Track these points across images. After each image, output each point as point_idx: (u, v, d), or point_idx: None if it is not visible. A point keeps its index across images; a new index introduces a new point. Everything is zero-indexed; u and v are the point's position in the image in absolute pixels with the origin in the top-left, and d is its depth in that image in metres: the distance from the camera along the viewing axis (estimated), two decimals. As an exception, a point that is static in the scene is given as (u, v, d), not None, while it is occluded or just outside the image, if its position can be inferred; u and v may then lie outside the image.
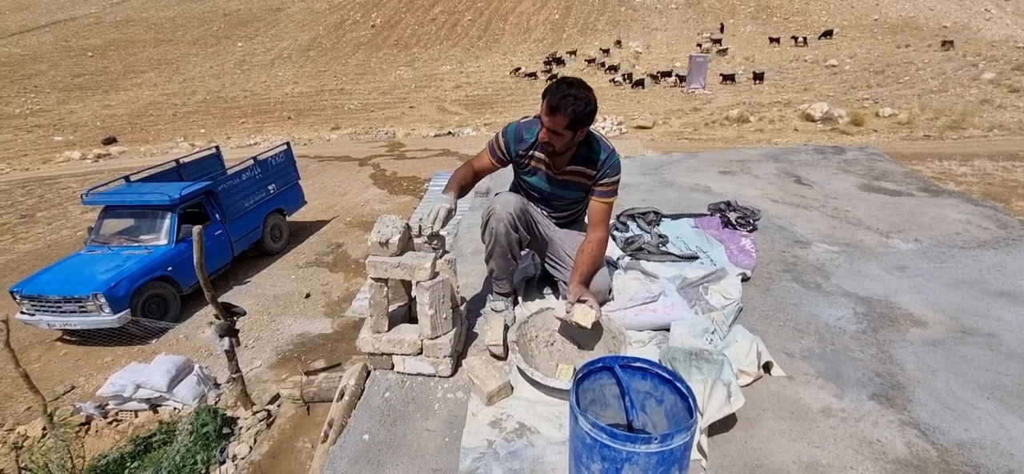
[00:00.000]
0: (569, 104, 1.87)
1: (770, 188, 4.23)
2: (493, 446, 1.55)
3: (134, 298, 6.24)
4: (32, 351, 6.33)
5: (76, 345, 6.47)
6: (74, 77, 36.21)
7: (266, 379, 5.64)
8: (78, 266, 6.52)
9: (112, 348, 6.31)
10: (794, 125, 16.44)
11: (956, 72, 22.38)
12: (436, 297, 1.74)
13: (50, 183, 15.48)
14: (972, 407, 1.74)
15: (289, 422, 4.79)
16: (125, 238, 6.99)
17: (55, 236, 10.61)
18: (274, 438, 4.60)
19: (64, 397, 5.49)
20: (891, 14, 35.70)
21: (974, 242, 3.08)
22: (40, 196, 13.95)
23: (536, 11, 44.89)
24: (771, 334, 2.18)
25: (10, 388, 5.68)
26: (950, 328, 2.22)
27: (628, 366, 1.33)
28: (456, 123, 22.61)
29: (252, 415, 4.71)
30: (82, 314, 6.04)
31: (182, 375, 5.19)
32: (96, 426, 5.10)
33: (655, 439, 1.09)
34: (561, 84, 1.91)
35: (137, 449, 4.38)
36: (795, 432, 1.65)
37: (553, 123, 1.91)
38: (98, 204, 7.20)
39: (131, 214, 7.13)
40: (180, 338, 6.58)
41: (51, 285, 6.11)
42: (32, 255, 9.42)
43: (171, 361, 5.23)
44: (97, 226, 7.16)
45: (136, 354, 6.14)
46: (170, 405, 5.11)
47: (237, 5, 52.46)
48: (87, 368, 6.06)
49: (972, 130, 14.14)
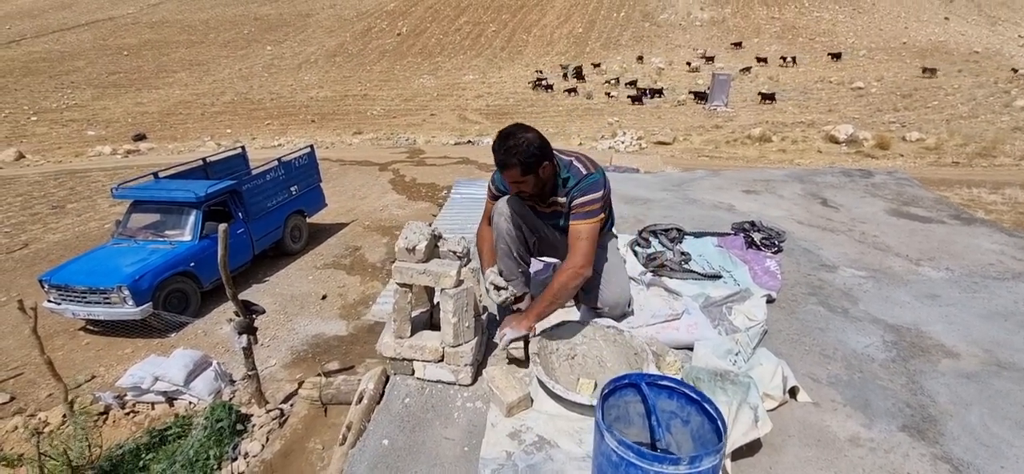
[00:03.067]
0: (512, 156, 1.91)
1: (795, 209, 4.16)
2: (512, 458, 1.54)
3: (156, 292, 6.36)
4: (56, 339, 6.48)
5: (98, 335, 6.61)
6: (109, 74, 37.40)
7: (281, 378, 5.68)
8: (104, 258, 6.67)
9: (133, 340, 6.43)
10: (818, 146, 16.21)
11: (987, 98, 21.88)
12: (460, 305, 1.74)
13: (81, 176, 15.95)
14: (1008, 445, 1.67)
15: (302, 422, 4.81)
16: (151, 232, 7.15)
17: (83, 227, 10.91)
18: (286, 437, 4.62)
19: (84, 386, 5.61)
20: (920, 38, 35.13)
21: (1008, 273, 2.99)
22: (71, 188, 14.37)
23: (560, 24, 45.18)
24: (796, 358, 2.13)
25: (34, 374, 5.82)
26: (984, 361, 2.14)
27: (655, 384, 1.31)
28: (476, 132, 22.75)
29: (266, 413, 4.75)
30: (106, 305, 6.18)
31: (199, 370, 5.25)
32: (114, 416, 5.18)
33: (683, 460, 1.07)
34: (499, 139, 1.96)
35: (153, 441, 4.44)
36: (822, 461, 1.61)
37: (510, 178, 1.98)
38: (128, 198, 7.38)
39: (158, 209, 7.30)
40: (198, 333, 6.68)
41: (78, 275, 6.26)
42: (61, 245, 9.69)
43: (189, 356, 5.31)
44: (125, 219, 7.34)
45: (155, 347, 6.25)
46: (186, 399, 5.17)
47: (268, 10, 53.81)
48: (108, 358, 6.18)
49: (1003, 158, 13.79)
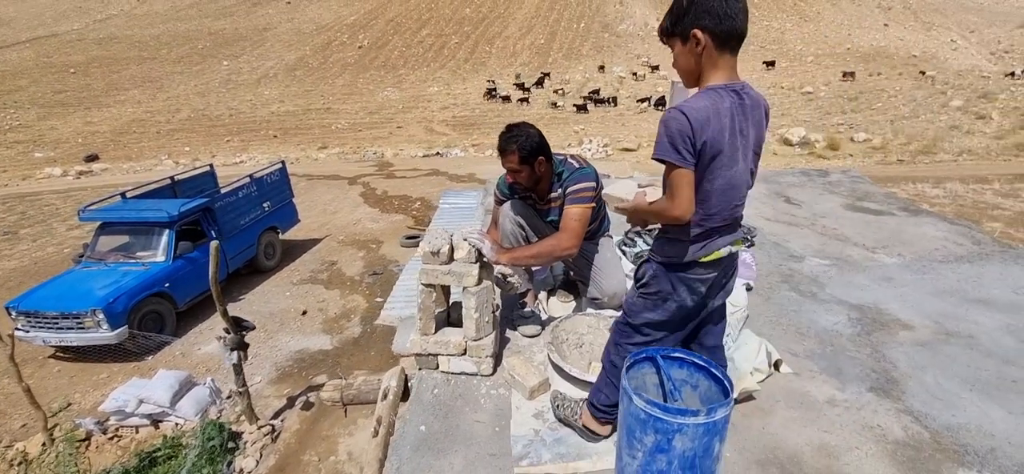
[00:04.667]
0: (512, 142, 2.17)
1: (763, 207, 4.50)
2: (539, 434, 1.71)
3: (132, 314, 6.22)
4: (26, 368, 6.21)
5: (70, 361, 6.39)
6: (55, 93, 35.67)
7: (268, 395, 5.65)
8: (75, 282, 6.48)
9: (107, 364, 6.26)
10: (773, 149, 17.04)
11: (926, 99, 23.49)
12: (481, 302, 1.91)
13: (32, 199, 15.22)
14: (957, 397, 1.96)
15: (295, 437, 4.83)
16: (122, 254, 6.97)
17: (41, 253, 10.44)
18: (280, 452, 4.64)
19: (61, 414, 5.44)
20: (863, 44, 37.35)
21: (952, 257, 3.36)
22: (22, 213, 13.70)
23: (522, 36, 45.82)
24: (776, 337, 2.39)
25: (4, 405, 5.60)
26: (935, 331, 2.45)
27: (668, 357, 1.52)
28: (444, 144, 22.87)
29: (257, 429, 4.74)
30: (79, 330, 6.00)
31: (184, 390, 5.19)
32: (96, 442, 5.05)
33: (702, 411, 1.27)
34: (505, 130, 2.24)
35: (142, 464, 4.38)
36: (805, 420, 1.85)
37: (508, 163, 2.22)
38: (96, 220, 7.18)
39: (129, 230, 7.12)
40: (176, 354, 6.55)
41: (48, 301, 6.06)
42: (19, 272, 9.27)
43: (173, 376, 5.23)
44: (93, 242, 7.13)
45: (132, 370, 6.10)
46: (172, 420, 5.10)
47: (223, 24, 52.47)
48: (83, 384, 6.00)
49: (942, 154, 14.86)
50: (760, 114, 1.47)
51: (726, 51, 1.40)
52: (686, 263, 1.49)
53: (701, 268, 1.50)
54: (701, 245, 1.47)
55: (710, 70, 1.41)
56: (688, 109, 1.35)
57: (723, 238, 1.49)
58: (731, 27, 1.36)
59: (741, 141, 1.42)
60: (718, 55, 1.39)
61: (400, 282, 3.49)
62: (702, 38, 1.37)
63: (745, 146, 1.44)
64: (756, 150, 1.49)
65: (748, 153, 1.46)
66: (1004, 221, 8.55)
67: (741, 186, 1.46)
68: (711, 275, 1.51)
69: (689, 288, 1.51)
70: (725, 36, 1.37)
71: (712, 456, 1.33)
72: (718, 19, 1.35)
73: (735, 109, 1.39)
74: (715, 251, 1.47)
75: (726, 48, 1.39)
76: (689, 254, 1.47)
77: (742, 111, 1.41)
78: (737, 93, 1.41)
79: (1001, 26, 38.23)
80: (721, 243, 1.48)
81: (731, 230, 1.51)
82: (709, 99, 1.37)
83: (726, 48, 1.39)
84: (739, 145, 1.42)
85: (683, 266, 1.50)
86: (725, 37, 1.37)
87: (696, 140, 1.34)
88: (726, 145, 1.37)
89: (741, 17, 1.36)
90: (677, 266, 1.51)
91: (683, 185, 1.37)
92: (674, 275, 1.52)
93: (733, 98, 1.39)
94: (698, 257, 1.47)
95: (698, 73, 1.43)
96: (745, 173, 1.46)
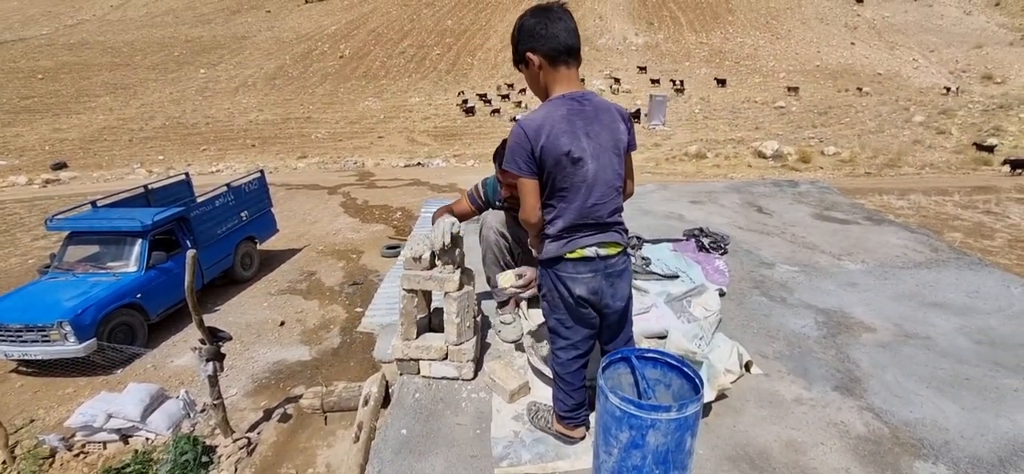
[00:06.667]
0: None
1: (736, 217, 4.64)
2: (519, 435, 1.75)
3: (101, 326, 6.05)
4: (-14, 382, 6.01)
5: (33, 376, 6.18)
6: (21, 99, 34.55)
7: (243, 407, 5.55)
8: (40, 293, 6.28)
9: (73, 378, 6.06)
10: (748, 161, 17.50)
11: (891, 114, 24.43)
12: (462, 306, 1.94)
13: (-6, 209, 14.69)
14: (915, 394, 2.07)
15: (271, 449, 4.76)
16: (91, 265, 6.78)
17: (3, 264, 10.08)
18: (256, 465, 4.56)
19: (23, 430, 5.25)
20: (831, 61, 38.68)
21: (912, 263, 3.52)
22: (-16, 222, 13.20)
23: (503, 48, 46.12)
24: (747, 340, 2.48)
25: (-41, 422, 5.37)
26: (895, 333, 2.58)
27: (642, 357, 1.58)
28: (425, 154, 22.85)
29: (233, 443, 4.66)
30: (45, 343, 5.81)
31: (156, 404, 5.06)
32: (61, 459, 4.89)
33: (673, 407, 1.32)
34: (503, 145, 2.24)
35: (111, 480, 4.26)
36: (774, 417, 1.93)
37: (507, 180, 2.25)
38: (64, 229, 6.98)
39: (99, 240, 6.95)
40: (148, 367, 6.38)
41: (11, 312, 5.86)
42: (-20, 283, 8.92)
43: (144, 389, 5.09)
44: (61, 252, 6.93)
45: (100, 384, 5.92)
46: (143, 435, 4.97)
47: (200, 32, 51.65)
48: (47, 400, 5.79)
49: (907, 168, 15.46)
50: (612, 117, 1.60)
51: (560, 66, 1.56)
52: (553, 259, 1.62)
53: (570, 265, 1.61)
54: (564, 241, 1.60)
55: (552, 85, 1.58)
56: (524, 122, 1.52)
57: (589, 237, 1.60)
58: (557, 45, 1.53)
59: (589, 143, 1.54)
60: (553, 71, 1.56)
61: (381, 289, 3.50)
62: (535, 59, 1.54)
63: (598, 148, 1.56)
64: (617, 151, 1.61)
65: (605, 154, 1.58)
66: (963, 231, 8.94)
67: (601, 185, 1.57)
68: (584, 275, 1.62)
69: (564, 284, 1.63)
70: (554, 54, 1.53)
71: (684, 450, 1.39)
72: (543, 40, 1.52)
73: (574, 114, 1.53)
74: (579, 249, 1.59)
75: (560, 63, 1.55)
76: (554, 250, 1.61)
77: (583, 115, 1.54)
78: (577, 100, 1.55)
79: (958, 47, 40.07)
80: (586, 242, 1.60)
81: (599, 231, 1.62)
82: (545, 110, 1.53)
83: (560, 63, 1.55)
84: (587, 146, 1.54)
85: (552, 262, 1.64)
86: (554, 55, 1.53)
87: (534, 149, 1.49)
88: (569, 146, 1.50)
89: (564, 35, 1.53)
90: (548, 263, 1.65)
91: (527, 192, 1.56)
92: (551, 272, 1.65)
93: (571, 105, 1.54)
94: (563, 253, 1.60)
95: (545, 89, 1.60)
96: (607, 173, 1.58)
